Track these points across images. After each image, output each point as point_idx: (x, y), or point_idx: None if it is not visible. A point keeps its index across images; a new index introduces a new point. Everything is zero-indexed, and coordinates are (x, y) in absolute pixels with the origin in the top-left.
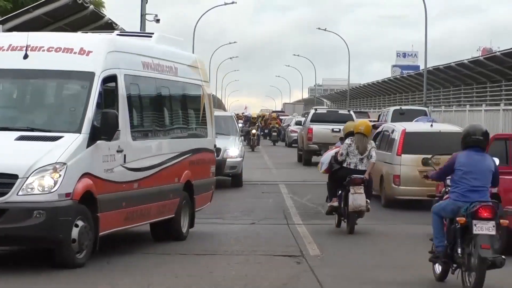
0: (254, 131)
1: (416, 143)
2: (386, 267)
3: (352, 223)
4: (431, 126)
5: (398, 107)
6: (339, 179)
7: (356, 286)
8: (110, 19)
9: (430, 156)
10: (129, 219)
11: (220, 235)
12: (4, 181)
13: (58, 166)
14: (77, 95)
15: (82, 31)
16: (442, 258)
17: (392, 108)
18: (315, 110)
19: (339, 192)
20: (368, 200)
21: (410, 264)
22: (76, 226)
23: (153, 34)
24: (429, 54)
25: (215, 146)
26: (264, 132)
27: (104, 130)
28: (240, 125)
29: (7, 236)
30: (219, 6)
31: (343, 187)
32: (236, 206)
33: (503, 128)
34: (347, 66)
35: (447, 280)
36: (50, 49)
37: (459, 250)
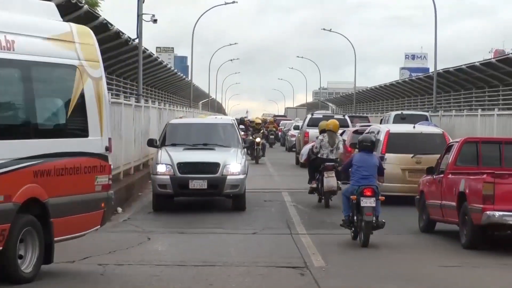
0: (258, 140)
1: (399, 143)
2: (393, 279)
3: (326, 200)
4: (414, 127)
5: (399, 112)
6: (316, 166)
7: None
8: (105, 19)
9: (412, 155)
10: None
11: (219, 245)
12: None
13: None
14: None
15: None
16: (347, 223)
17: (393, 113)
18: (312, 114)
19: (317, 176)
20: (339, 182)
21: (417, 275)
22: None
23: None
24: (439, 56)
25: (107, 149)
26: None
27: None
28: (241, 132)
29: None
30: (219, 6)
31: (319, 172)
32: (237, 215)
33: None
34: (353, 69)
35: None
36: None
37: (355, 218)
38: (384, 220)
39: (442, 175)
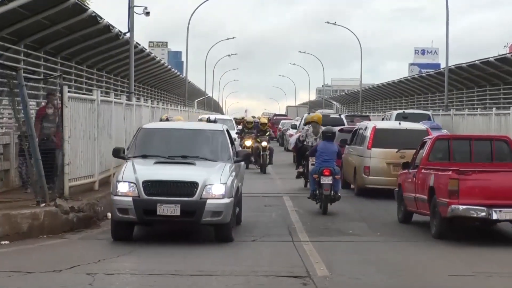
0: (265, 144)
1: (385, 138)
2: None
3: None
4: (399, 124)
5: (401, 111)
6: (302, 153)
7: None
8: (94, 12)
9: (397, 150)
10: None
11: (216, 253)
12: None
13: None
14: None
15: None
16: (313, 196)
17: (395, 112)
18: (308, 114)
19: (303, 162)
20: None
21: (426, 285)
22: None
23: None
24: (451, 51)
25: None
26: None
27: None
28: (235, 135)
29: None
30: None
31: (305, 158)
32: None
33: None
34: (359, 65)
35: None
36: None
37: (317, 192)
38: (340, 194)
39: (416, 170)
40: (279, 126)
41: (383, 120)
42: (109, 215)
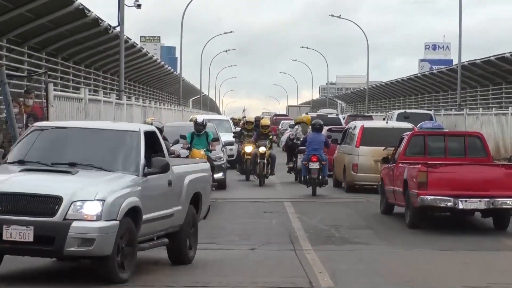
0: (263, 149)
1: (372, 137)
2: None
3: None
4: (387, 123)
5: (402, 111)
6: (292, 149)
7: None
8: (82, 4)
9: (384, 147)
10: None
11: (213, 263)
12: None
13: None
14: None
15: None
16: (304, 181)
17: (396, 112)
18: (306, 113)
19: (293, 158)
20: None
21: None
22: None
23: None
24: (464, 46)
25: None
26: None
27: None
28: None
29: None
30: None
31: (295, 155)
32: (233, 228)
33: None
34: (365, 61)
35: None
36: None
37: (307, 177)
38: (327, 178)
39: (395, 164)
40: (279, 127)
41: (384, 120)
42: None
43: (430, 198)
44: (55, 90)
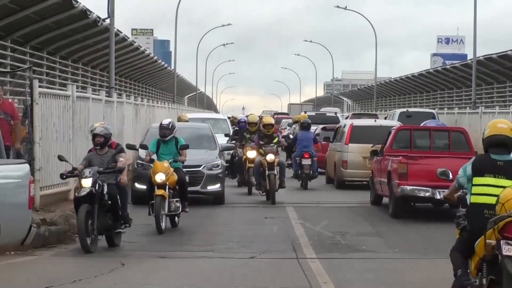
0: (271, 158)
1: (361, 134)
2: None
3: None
4: (375, 121)
5: (404, 110)
6: (290, 147)
7: None
8: None
9: (372, 145)
10: None
11: (210, 272)
12: None
13: None
14: None
15: (32, 10)
16: (295, 176)
17: (398, 111)
18: (304, 112)
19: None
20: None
21: None
22: None
23: None
24: (479, 40)
25: None
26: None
27: None
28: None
29: None
30: None
31: (292, 152)
32: (231, 235)
33: None
34: (373, 56)
35: None
36: None
37: (299, 172)
38: (317, 173)
39: (382, 157)
40: (280, 126)
41: (385, 119)
42: None
43: (409, 188)
44: (40, 86)
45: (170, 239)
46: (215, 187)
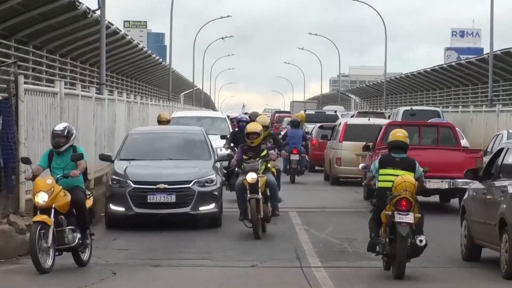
0: (252, 177)
1: (354, 133)
2: None
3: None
4: (369, 120)
5: (408, 108)
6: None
7: None
8: None
9: (365, 142)
10: None
11: (207, 282)
12: None
13: None
14: None
15: (17, 1)
16: (285, 171)
17: (402, 109)
18: (304, 111)
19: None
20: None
21: None
22: None
23: None
24: (496, 33)
25: None
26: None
27: None
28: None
29: None
30: None
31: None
32: (231, 242)
33: None
34: (383, 50)
35: None
36: None
37: (288, 166)
38: (304, 168)
39: (373, 152)
40: (282, 125)
41: (389, 117)
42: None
43: None
44: (26, 83)
45: (163, 246)
46: (210, 207)
